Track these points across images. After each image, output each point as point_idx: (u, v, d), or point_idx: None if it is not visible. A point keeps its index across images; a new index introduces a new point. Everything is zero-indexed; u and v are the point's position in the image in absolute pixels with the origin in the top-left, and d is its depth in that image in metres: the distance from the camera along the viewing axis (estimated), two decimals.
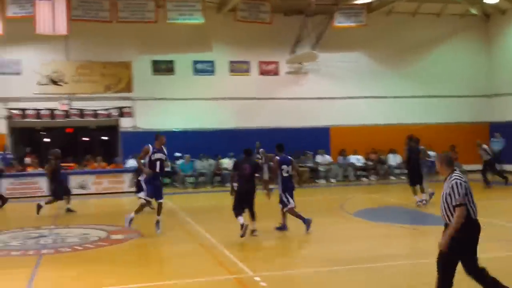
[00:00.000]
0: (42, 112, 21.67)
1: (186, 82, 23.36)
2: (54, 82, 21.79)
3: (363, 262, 8.57)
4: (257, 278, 7.64)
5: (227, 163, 22.23)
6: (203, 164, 22.45)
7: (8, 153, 20.48)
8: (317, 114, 24.30)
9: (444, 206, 5.68)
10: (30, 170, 20.50)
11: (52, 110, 21.76)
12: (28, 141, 24.25)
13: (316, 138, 23.94)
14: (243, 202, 10.81)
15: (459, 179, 5.64)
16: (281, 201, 11.36)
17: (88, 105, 22.19)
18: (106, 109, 22.40)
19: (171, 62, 23.31)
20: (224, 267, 8.60)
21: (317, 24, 23.43)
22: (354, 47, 25.14)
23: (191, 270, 8.39)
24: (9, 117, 21.45)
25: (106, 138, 26.23)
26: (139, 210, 11.37)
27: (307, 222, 11.08)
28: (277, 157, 11.46)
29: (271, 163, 12.64)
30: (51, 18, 19.28)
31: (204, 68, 23.70)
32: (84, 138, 27.09)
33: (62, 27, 19.56)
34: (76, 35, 20.97)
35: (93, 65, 22.32)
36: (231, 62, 24.06)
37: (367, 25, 24.11)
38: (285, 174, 11.33)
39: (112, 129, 23.46)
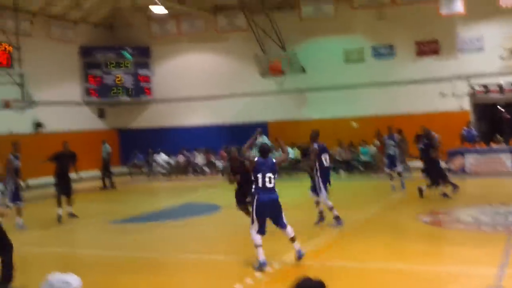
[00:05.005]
0: (505, 86, 21.11)
1: None
2: None
3: None
4: None
5: None
6: None
7: (471, 129, 20.83)
8: None
9: None
10: (494, 146, 20.26)
11: None
12: (490, 117, 24.07)
13: None
14: None
15: None
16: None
17: None
18: None
19: None
20: None
21: None
22: None
23: None
24: (472, 94, 21.71)
25: None
26: None
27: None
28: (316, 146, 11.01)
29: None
30: None
31: None
32: None
33: None
34: None
35: None
36: None
37: None
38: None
39: None
